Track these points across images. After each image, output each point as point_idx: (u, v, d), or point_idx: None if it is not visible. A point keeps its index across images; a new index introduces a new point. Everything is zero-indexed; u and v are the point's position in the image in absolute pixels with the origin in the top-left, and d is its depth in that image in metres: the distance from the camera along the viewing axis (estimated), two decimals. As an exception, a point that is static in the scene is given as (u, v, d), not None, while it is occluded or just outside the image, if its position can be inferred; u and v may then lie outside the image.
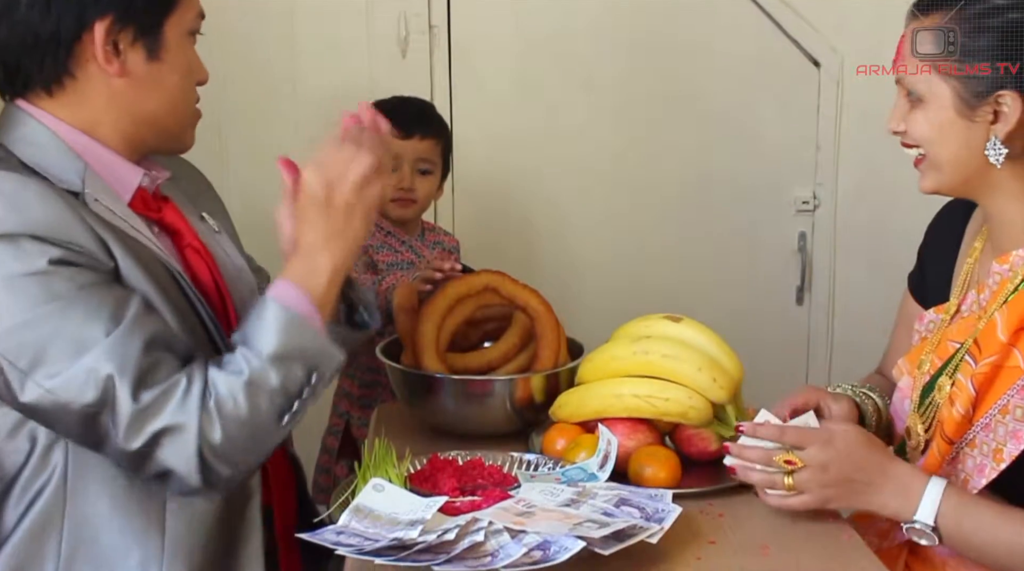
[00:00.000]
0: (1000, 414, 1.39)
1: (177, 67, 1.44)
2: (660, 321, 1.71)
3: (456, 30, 2.60)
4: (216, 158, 2.54)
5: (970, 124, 1.40)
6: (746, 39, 2.69)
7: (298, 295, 1.35)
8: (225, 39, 2.49)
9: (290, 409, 1.32)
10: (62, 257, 1.27)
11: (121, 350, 1.26)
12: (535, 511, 1.36)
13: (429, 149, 2.25)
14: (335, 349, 1.36)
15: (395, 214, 2.25)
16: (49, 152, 1.38)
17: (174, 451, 1.27)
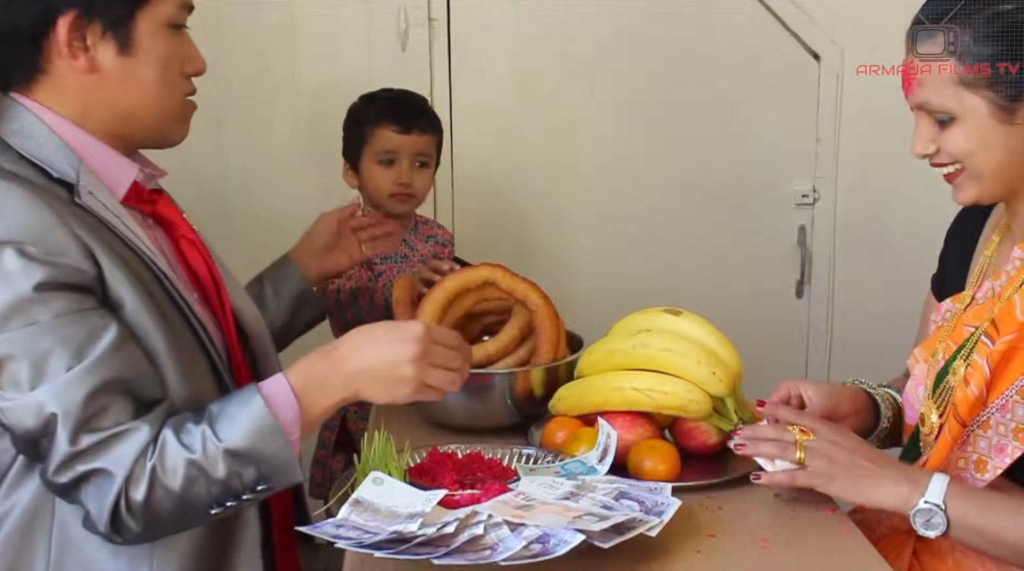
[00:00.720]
0: (1019, 395, 1.39)
1: (152, 61, 1.40)
2: (660, 314, 1.71)
3: (456, 23, 2.60)
4: (215, 151, 2.54)
5: (1011, 128, 1.40)
6: (746, 32, 2.68)
7: (290, 404, 1.32)
8: (225, 32, 2.49)
9: (225, 503, 1.30)
10: (46, 280, 1.26)
11: (73, 390, 1.25)
12: (534, 504, 1.36)
13: (427, 143, 2.25)
14: (296, 469, 1.33)
15: (396, 209, 2.25)
16: (44, 145, 1.37)
17: (94, 493, 1.27)
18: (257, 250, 2.00)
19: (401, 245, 2.26)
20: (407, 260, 2.25)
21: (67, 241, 1.29)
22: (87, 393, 1.26)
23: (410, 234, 2.29)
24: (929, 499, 1.36)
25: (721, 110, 2.73)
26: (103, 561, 1.36)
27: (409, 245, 2.28)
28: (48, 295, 1.27)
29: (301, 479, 1.34)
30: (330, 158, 2.53)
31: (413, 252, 2.26)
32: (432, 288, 1.81)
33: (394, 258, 2.25)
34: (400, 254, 2.25)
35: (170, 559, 1.38)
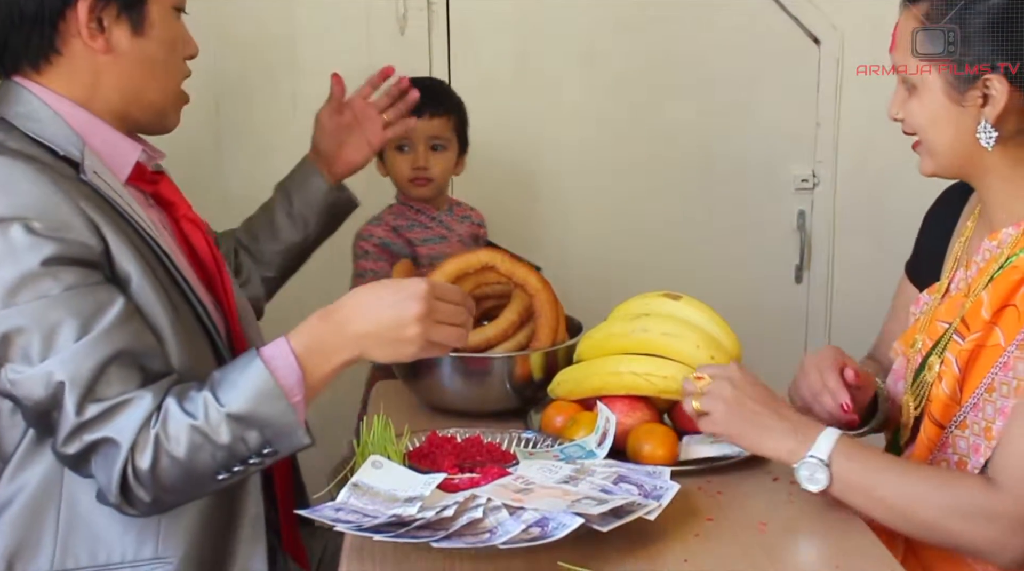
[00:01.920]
0: (987, 393, 1.40)
1: (163, 42, 1.45)
2: (659, 299, 1.71)
3: (455, 7, 2.59)
4: (212, 135, 2.53)
5: (961, 110, 1.41)
6: (746, 16, 2.68)
7: (292, 367, 1.31)
8: (222, 16, 2.48)
9: (231, 468, 1.31)
10: (54, 254, 1.28)
11: (81, 360, 1.27)
12: (533, 488, 1.36)
13: (441, 126, 2.26)
14: (302, 433, 1.32)
15: (414, 193, 2.27)
16: (49, 127, 1.39)
17: (102, 463, 1.28)
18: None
19: (438, 226, 2.28)
20: (446, 241, 2.27)
21: (73, 216, 1.30)
22: (95, 364, 1.27)
23: (446, 215, 2.32)
24: (814, 453, 1.37)
25: (721, 94, 2.72)
26: (111, 538, 1.37)
27: (446, 226, 2.30)
28: (56, 269, 1.28)
29: (308, 442, 1.33)
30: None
31: (451, 232, 2.29)
32: (431, 272, 1.81)
33: (433, 240, 2.27)
34: (438, 235, 2.28)
35: (176, 534, 1.39)
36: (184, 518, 1.39)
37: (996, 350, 1.39)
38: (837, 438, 1.38)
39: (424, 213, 2.28)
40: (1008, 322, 1.39)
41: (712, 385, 1.45)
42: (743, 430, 1.43)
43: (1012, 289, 1.39)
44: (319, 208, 1.95)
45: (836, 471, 1.36)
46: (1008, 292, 1.39)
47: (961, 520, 1.32)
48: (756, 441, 1.42)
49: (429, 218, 2.28)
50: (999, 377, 1.38)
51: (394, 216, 2.29)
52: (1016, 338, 1.37)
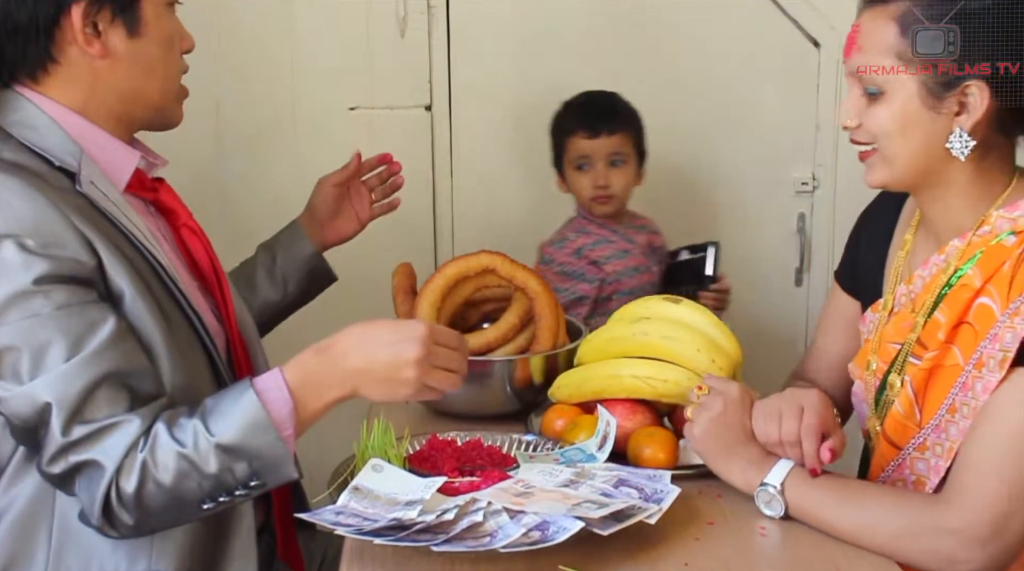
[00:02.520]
0: (949, 414, 1.39)
1: (159, 40, 1.44)
2: (659, 302, 1.71)
3: (455, 9, 2.59)
4: (214, 137, 2.53)
5: (935, 116, 1.37)
6: (745, 19, 2.67)
7: (284, 400, 1.30)
8: (223, 18, 2.48)
9: (216, 498, 1.29)
10: (46, 273, 1.27)
11: (69, 381, 1.26)
12: (534, 492, 1.36)
13: (619, 142, 2.29)
14: (290, 467, 1.31)
15: (597, 211, 2.30)
16: (46, 136, 1.38)
17: (86, 485, 1.27)
18: (255, 236, 1.99)
19: (621, 240, 2.31)
20: (628, 254, 2.30)
21: (66, 233, 1.29)
22: (83, 385, 1.26)
23: (626, 228, 2.34)
24: (768, 480, 1.40)
25: (720, 97, 2.72)
26: (103, 553, 1.36)
27: (628, 238, 2.32)
28: (48, 288, 1.27)
29: (296, 476, 1.33)
30: (329, 143, 2.53)
31: (633, 245, 2.32)
32: (432, 275, 1.81)
33: (618, 255, 2.29)
34: (622, 250, 2.30)
35: (168, 549, 1.38)
36: (177, 532, 1.38)
37: (955, 370, 1.38)
38: (791, 467, 1.40)
39: (607, 227, 2.31)
40: (964, 340, 1.37)
41: (706, 398, 1.46)
42: (714, 449, 1.45)
43: (965, 306, 1.37)
44: (301, 270, 1.90)
45: (790, 498, 1.39)
46: (962, 309, 1.38)
47: (912, 541, 1.32)
48: (723, 463, 1.45)
49: (611, 232, 2.31)
50: (959, 398, 1.37)
51: (576, 232, 2.32)
52: (972, 357, 1.36)
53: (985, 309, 1.35)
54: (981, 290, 1.36)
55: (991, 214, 1.40)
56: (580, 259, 2.29)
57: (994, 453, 1.30)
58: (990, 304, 1.35)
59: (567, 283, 2.27)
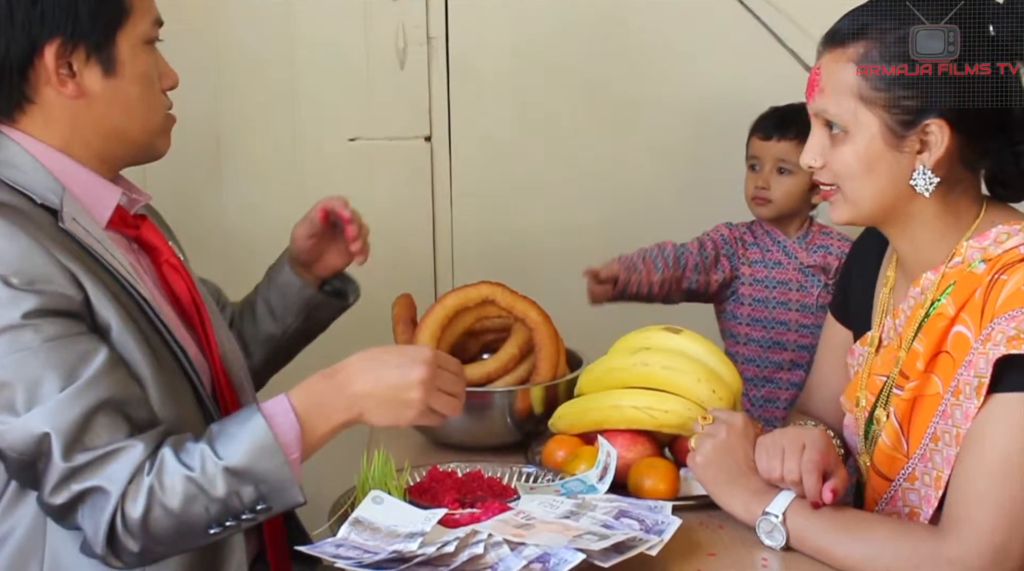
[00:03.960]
0: (932, 443, 1.39)
1: (136, 79, 1.42)
2: (659, 332, 1.71)
3: (454, 41, 2.60)
4: (213, 168, 2.54)
5: (898, 155, 1.39)
6: (740, 45, 2.69)
7: (291, 424, 1.31)
8: (224, 49, 2.49)
9: (223, 522, 1.29)
10: (34, 308, 1.27)
11: (66, 411, 1.25)
12: (535, 523, 1.36)
13: (788, 150, 2.28)
14: (296, 490, 1.31)
15: (755, 212, 2.31)
16: (28, 174, 1.38)
17: (89, 513, 1.27)
18: (256, 268, 1.99)
19: (779, 252, 2.30)
20: (780, 267, 2.29)
21: (50, 269, 1.29)
22: (80, 413, 1.26)
23: (794, 242, 2.32)
24: (769, 510, 1.40)
25: (720, 125, 2.72)
26: None
27: (789, 253, 2.31)
28: (37, 321, 1.27)
29: (302, 500, 1.33)
30: (329, 174, 2.54)
31: (791, 260, 2.30)
32: (431, 306, 1.81)
33: (764, 263, 2.30)
34: (774, 261, 2.30)
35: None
36: (167, 568, 1.37)
37: (935, 399, 1.39)
38: (793, 498, 1.40)
39: (770, 235, 2.31)
40: (943, 369, 1.38)
41: (710, 427, 1.47)
42: (716, 478, 1.45)
43: (942, 335, 1.39)
44: (295, 304, 1.84)
45: (791, 529, 1.39)
46: (939, 339, 1.39)
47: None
48: (724, 492, 1.45)
49: (772, 241, 2.31)
50: (940, 426, 1.38)
51: (747, 227, 2.34)
52: (950, 385, 1.37)
53: (961, 337, 1.36)
54: (956, 319, 1.38)
55: (962, 245, 1.41)
56: (733, 245, 2.31)
57: (982, 482, 1.30)
58: (965, 332, 1.36)
59: (707, 246, 2.31)
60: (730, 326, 2.31)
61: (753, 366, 2.24)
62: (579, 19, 2.63)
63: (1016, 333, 1.29)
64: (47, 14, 1.34)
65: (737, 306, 2.28)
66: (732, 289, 2.29)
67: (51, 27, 1.35)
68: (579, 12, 2.62)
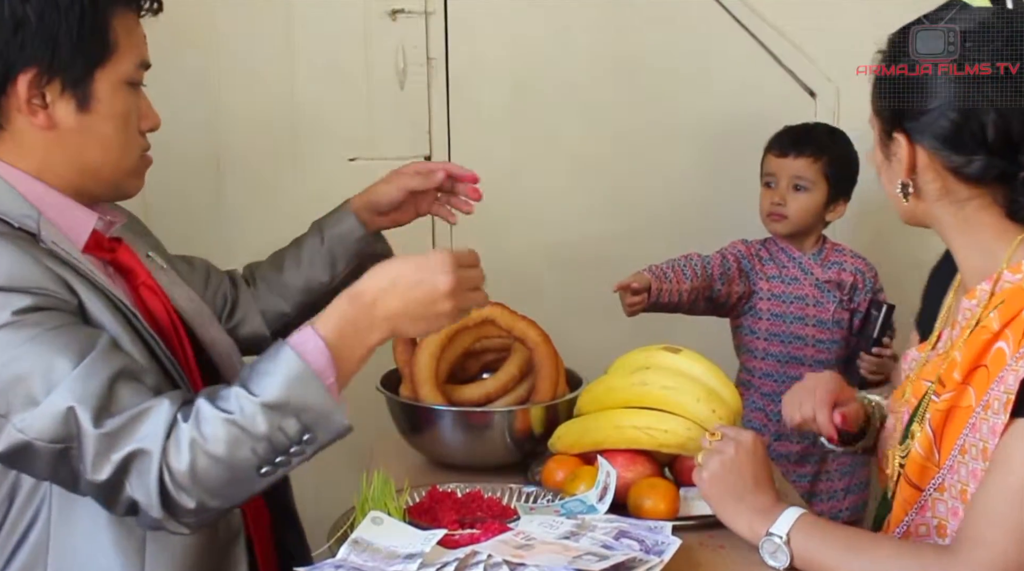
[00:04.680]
0: (960, 454, 1.39)
1: (111, 118, 1.41)
2: (659, 352, 1.71)
3: (454, 62, 2.61)
4: (213, 188, 2.55)
5: (889, 164, 1.43)
6: (742, 69, 2.70)
7: (320, 351, 1.29)
8: (225, 69, 2.50)
9: (273, 461, 1.28)
10: (27, 305, 1.27)
11: (85, 382, 1.24)
12: (534, 544, 1.35)
13: (803, 167, 2.33)
14: (341, 415, 1.29)
15: (770, 228, 2.35)
16: (3, 199, 1.38)
17: (137, 480, 1.25)
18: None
19: (795, 268, 2.34)
20: (796, 283, 2.33)
21: (42, 275, 1.30)
22: (100, 383, 1.25)
23: (809, 259, 2.36)
24: (773, 530, 1.40)
25: (719, 146, 2.74)
26: None
27: (803, 268, 2.35)
28: (35, 315, 1.27)
29: (348, 425, 1.30)
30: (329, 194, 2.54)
31: (806, 275, 2.33)
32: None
33: (781, 279, 2.33)
34: (791, 277, 2.33)
35: None
36: None
37: (967, 411, 1.38)
38: (798, 517, 1.40)
39: (785, 252, 2.34)
40: (979, 382, 1.37)
41: (718, 443, 1.46)
42: (722, 495, 1.46)
43: (982, 349, 1.38)
44: (351, 251, 1.86)
45: (795, 549, 1.38)
46: (979, 352, 1.38)
47: None
48: (730, 511, 1.45)
49: (788, 258, 2.34)
50: (969, 439, 1.37)
51: (761, 244, 2.37)
52: (982, 399, 1.36)
53: (1000, 353, 1.36)
54: (999, 335, 1.37)
55: (1022, 263, 1.40)
56: (747, 260, 2.34)
57: (1002, 504, 1.29)
58: (1004, 348, 1.36)
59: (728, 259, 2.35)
60: (747, 341, 2.31)
61: (771, 381, 2.24)
62: (578, 40, 2.64)
63: None
64: (27, 43, 1.33)
65: (755, 321, 2.29)
66: (750, 304, 2.30)
67: (29, 56, 1.34)
68: (578, 33, 2.64)
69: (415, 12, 2.57)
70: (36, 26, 1.33)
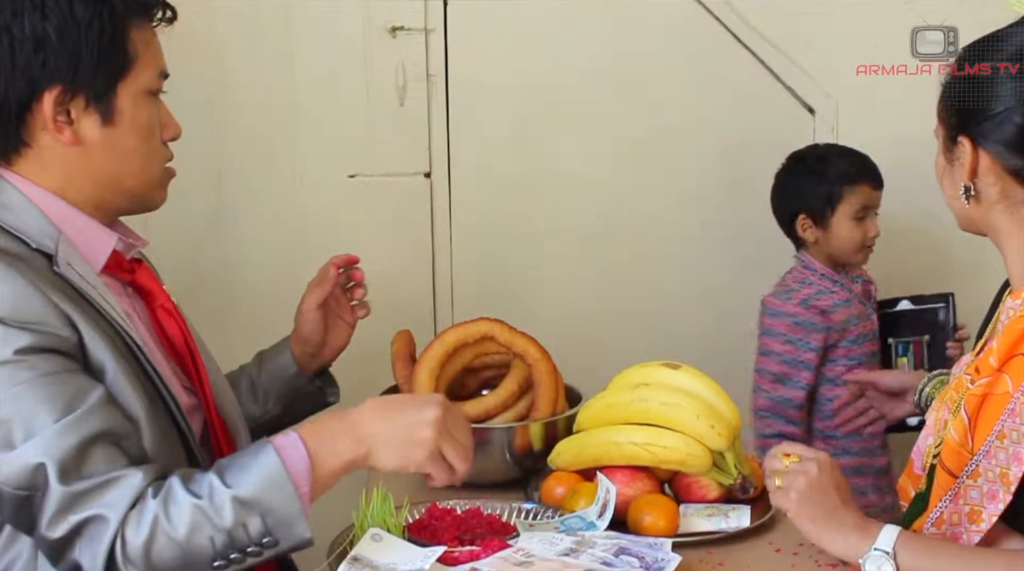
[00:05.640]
0: (998, 440, 1.39)
1: (135, 130, 1.42)
2: (658, 368, 1.71)
3: (454, 78, 2.62)
4: (214, 204, 2.55)
5: (952, 169, 1.44)
6: (740, 86, 2.71)
7: (301, 457, 1.30)
8: (225, 85, 2.51)
9: (227, 556, 1.26)
10: (28, 345, 1.27)
11: (62, 440, 1.24)
12: (534, 561, 1.35)
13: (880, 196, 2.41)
14: (304, 525, 1.28)
15: (857, 260, 2.41)
16: (24, 218, 1.39)
17: (87, 543, 1.24)
18: (256, 305, 2.00)
19: (842, 289, 2.40)
20: (849, 304, 2.39)
21: (45, 310, 1.30)
22: (76, 443, 1.25)
23: (843, 277, 2.42)
24: (879, 546, 1.37)
25: (719, 162, 2.74)
26: None
27: (847, 288, 2.41)
28: (31, 358, 1.27)
29: (309, 536, 1.30)
30: (329, 210, 2.55)
31: (852, 295, 2.41)
32: (431, 342, 1.82)
33: (841, 304, 2.38)
34: (843, 299, 2.38)
35: None
36: None
37: (1004, 398, 1.38)
38: (899, 532, 1.38)
39: (827, 277, 2.38)
40: (1016, 370, 1.38)
41: (800, 464, 1.43)
42: (815, 514, 1.41)
43: (1020, 337, 1.39)
44: (283, 388, 1.83)
45: (902, 562, 1.36)
46: (1015, 340, 1.39)
47: None
48: (823, 529, 1.41)
49: (832, 282, 2.38)
50: (1008, 424, 1.37)
51: (798, 283, 2.40)
52: (1020, 385, 1.36)
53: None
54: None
55: None
56: (808, 309, 2.35)
57: None
58: None
59: (798, 333, 2.35)
60: (828, 370, 2.35)
61: None
62: (577, 56, 2.65)
63: None
64: (49, 61, 1.35)
65: (848, 349, 2.34)
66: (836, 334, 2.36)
67: (52, 74, 1.35)
68: (577, 50, 2.65)
69: (415, 29, 2.57)
70: (57, 44, 1.35)
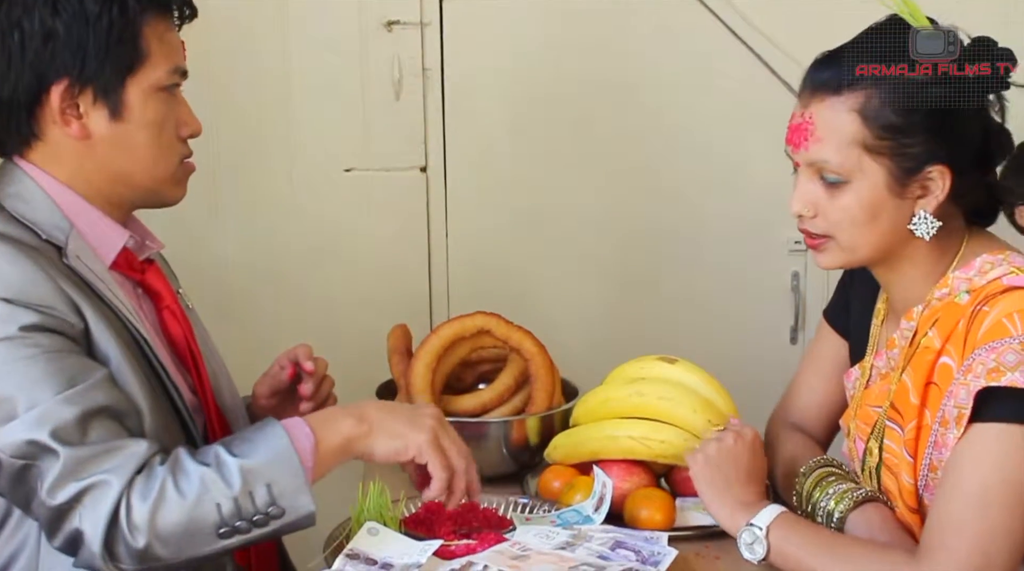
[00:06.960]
0: (931, 472, 1.40)
1: (144, 125, 1.42)
2: (655, 363, 1.72)
3: (450, 72, 2.61)
4: (209, 199, 2.54)
5: (900, 202, 1.38)
6: (734, 78, 2.70)
7: (307, 435, 1.31)
8: (219, 80, 2.50)
9: (233, 524, 1.26)
10: (33, 323, 1.27)
11: (65, 410, 1.24)
12: (530, 554, 1.35)
13: None
14: (308, 498, 1.29)
15: None
16: (38, 210, 1.39)
17: (89, 508, 1.23)
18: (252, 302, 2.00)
19: None
20: None
21: (53, 295, 1.30)
22: (79, 413, 1.25)
23: None
24: (754, 522, 1.41)
25: (714, 157, 2.74)
26: None
27: None
28: (35, 335, 1.27)
29: (313, 510, 1.30)
30: (325, 206, 2.55)
31: None
32: (427, 337, 1.82)
33: None
34: None
35: None
36: None
37: (928, 430, 1.40)
38: (779, 513, 1.41)
39: None
40: (933, 400, 1.40)
41: (720, 432, 1.49)
42: (714, 479, 1.47)
43: (930, 368, 1.40)
44: None
45: (772, 542, 1.40)
46: (927, 371, 1.40)
47: None
48: (715, 495, 1.47)
49: None
50: (935, 456, 1.39)
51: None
52: (937, 415, 1.38)
53: (946, 368, 1.38)
54: (941, 351, 1.39)
55: (948, 276, 1.42)
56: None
57: (959, 511, 1.30)
58: (949, 362, 1.38)
59: None
60: None
61: None
62: (575, 51, 2.64)
63: (995, 365, 1.30)
64: (57, 54, 1.36)
65: None
66: None
67: (60, 67, 1.36)
68: (575, 44, 2.64)
69: (410, 23, 2.57)
70: (65, 37, 1.36)
